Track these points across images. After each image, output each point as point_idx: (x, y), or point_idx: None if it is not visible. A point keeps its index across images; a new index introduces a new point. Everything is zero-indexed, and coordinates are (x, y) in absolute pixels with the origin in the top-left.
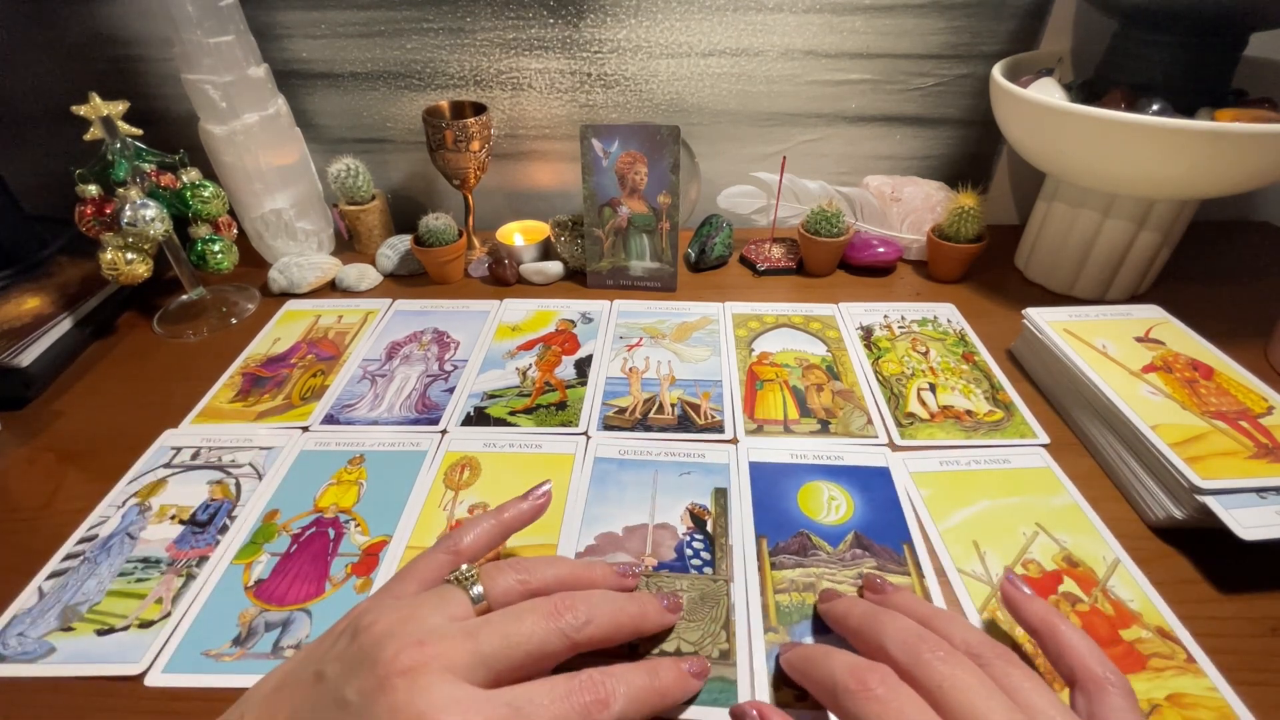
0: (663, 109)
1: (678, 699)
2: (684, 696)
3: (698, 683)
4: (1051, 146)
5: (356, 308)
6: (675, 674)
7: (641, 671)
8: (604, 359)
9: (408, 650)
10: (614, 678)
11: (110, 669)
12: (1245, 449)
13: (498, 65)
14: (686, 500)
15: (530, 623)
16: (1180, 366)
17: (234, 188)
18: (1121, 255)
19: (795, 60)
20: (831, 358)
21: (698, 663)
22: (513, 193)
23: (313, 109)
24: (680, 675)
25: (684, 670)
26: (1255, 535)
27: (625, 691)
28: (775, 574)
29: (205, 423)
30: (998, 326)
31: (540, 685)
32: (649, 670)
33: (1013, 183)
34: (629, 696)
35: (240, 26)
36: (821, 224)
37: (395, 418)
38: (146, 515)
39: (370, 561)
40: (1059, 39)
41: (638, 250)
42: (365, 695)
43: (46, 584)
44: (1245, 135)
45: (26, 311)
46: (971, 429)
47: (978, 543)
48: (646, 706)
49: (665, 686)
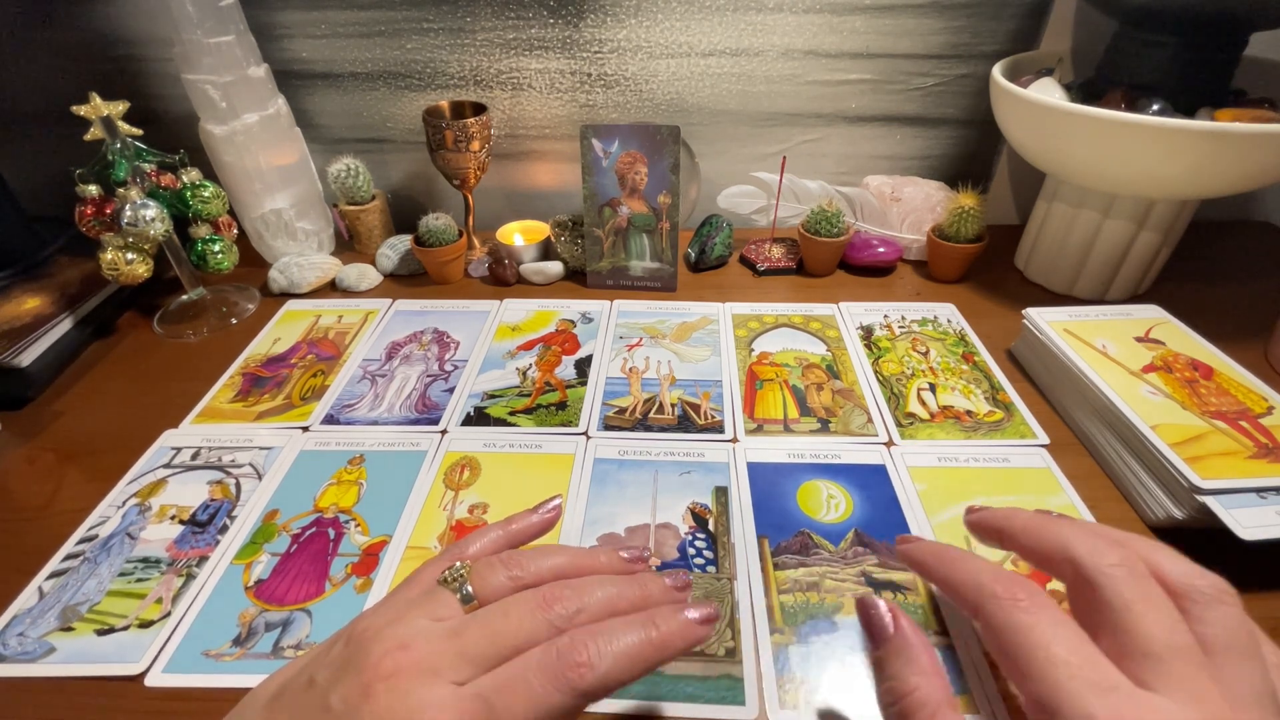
0: (663, 109)
1: (682, 649)
2: (689, 646)
3: (705, 629)
4: (1051, 146)
5: (356, 308)
6: (677, 623)
7: (635, 625)
8: (604, 359)
9: (390, 655)
10: (599, 636)
11: (110, 669)
12: (1245, 449)
13: (498, 65)
14: (687, 500)
15: (518, 617)
16: (1180, 366)
17: (234, 188)
18: (1121, 255)
19: (795, 60)
20: (831, 357)
21: (707, 607)
22: (513, 193)
23: (313, 109)
24: (684, 624)
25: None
26: (1255, 535)
27: (613, 650)
28: (778, 574)
29: (205, 423)
30: (998, 326)
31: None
32: (644, 622)
33: (1013, 183)
34: (617, 655)
35: (240, 26)
36: (821, 224)
37: (395, 418)
38: (146, 515)
39: (370, 561)
40: (1059, 39)
41: (638, 250)
42: (349, 702)
43: (46, 584)
44: (1245, 135)
45: (26, 311)
46: (971, 429)
47: (970, 539)
48: (641, 661)
49: (664, 638)
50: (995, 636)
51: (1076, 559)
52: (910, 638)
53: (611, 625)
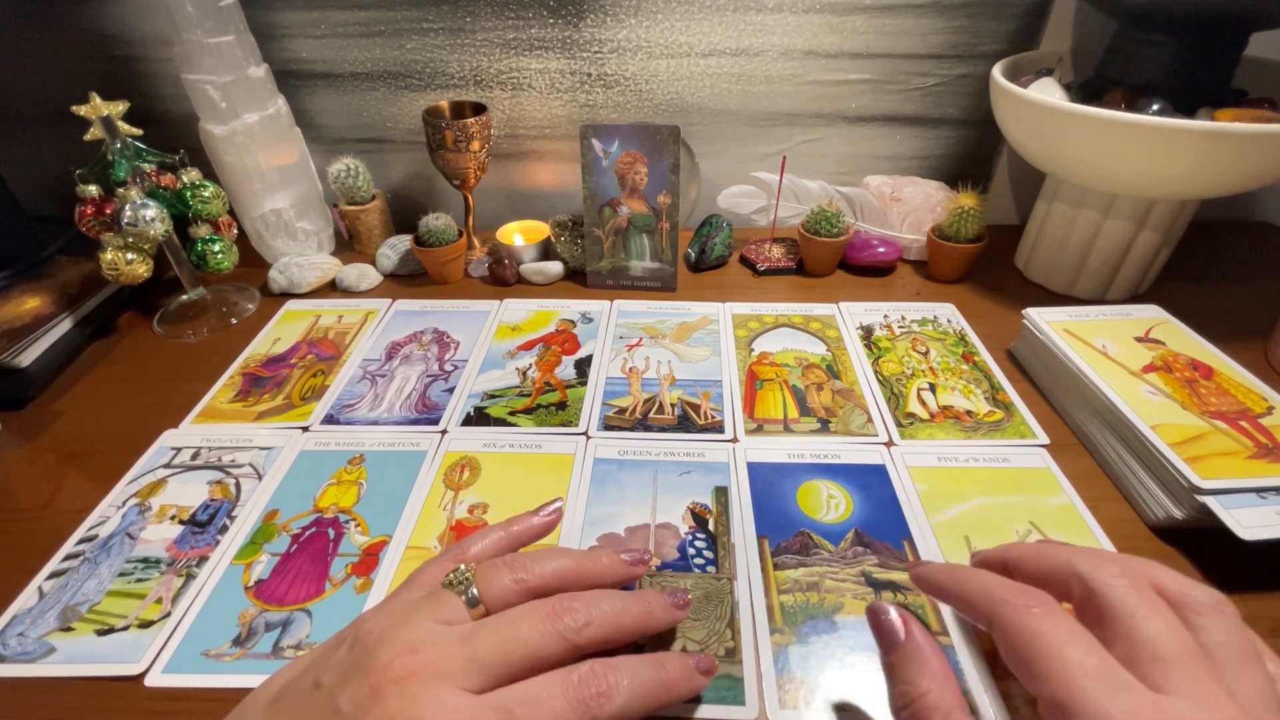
0: (663, 109)
1: (683, 694)
2: (690, 692)
3: (705, 679)
4: (1051, 146)
5: (356, 308)
6: (682, 668)
7: (647, 664)
8: (604, 359)
9: (400, 658)
10: (617, 670)
11: (110, 669)
12: (1245, 449)
13: (498, 65)
14: (687, 500)
15: (528, 626)
16: (1180, 366)
17: (234, 188)
18: (1121, 255)
19: (795, 60)
20: (831, 357)
21: (705, 659)
22: (513, 193)
23: (313, 109)
24: (687, 669)
25: (691, 665)
26: (1255, 535)
27: (629, 684)
28: (778, 574)
29: (205, 423)
30: (998, 326)
31: (535, 682)
32: (655, 663)
33: (1013, 183)
34: (632, 689)
35: (240, 26)
36: (821, 224)
37: (395, 418)
38: (146, 515)
39: (370, 561)
40: (1059, 39)
41: (638, 250)
42: (358, 704)
43: (46, 584)
44: (1245, 135)
45: (26, 311)
46: (971, 429)
47: (969, 538)
48: (651, 700)
49: (671, 680)
50: (1010, 641)
51: (1081, 573)
52: (921, 643)
53: (627, 661)
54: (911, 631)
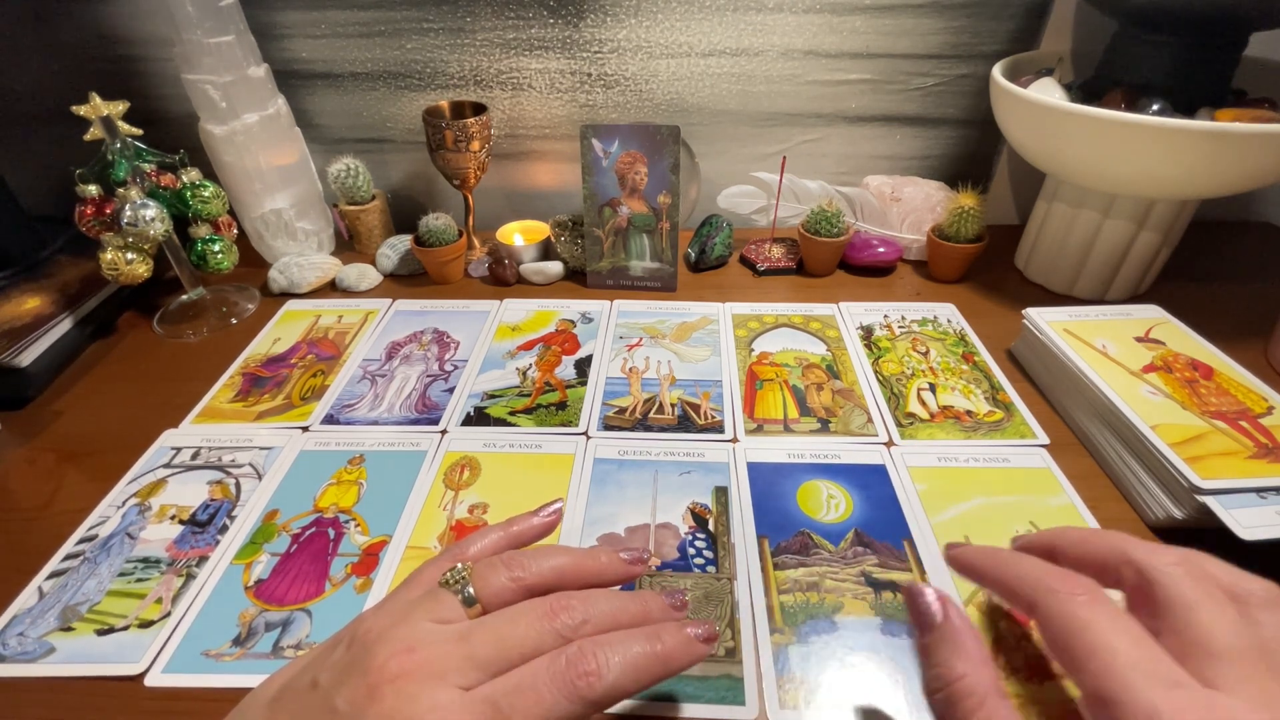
0: (663, 109)
1: (684, 665)
2: (691, 662)
3: (705, 647)
4: (1051, 146)
5: (356, 308)
6: (680, 639)
7: (640, 638)
8: (604, 359)
9: (396, 657)
10: (606, 647)
11: (110, 669)
12: (1245, 449)
13: (498, 65)
14: (687, 500)
15: (524, 624)
16: (1180, 366)
17: (234, 188)
18: (1121, 255)
19: (795, 60)
20: (831, 357)
21: (706, 626)
22: (513, 193)
23: (313, 109)
24: (685, 639)
25: (690, 634)
26: (1255, 535)
27: (620, 661)
28: (778, 574)
29: (205, 423)
30: (998, 326)
31: (522, 670)
32: (649, 636)
33: (1013, 183)
34: (624, 666)
35: (240, 26)
36: (821, 224)
37: (395, 418)
38: (146, 515)
39: (370, 561)
40: (1059, 39)
41: (638, 250)
42: (354, 704)
43: (46, 584)
44: (1245, 135)
45: (26, 311)
46: (971, 429)
47: (969, 538)
48: (647, 674)
49: (668, 652)
50: (1053, 630)
51: (1136, 560)
52: (959, 626)
53: (619, 636)
54: (949, 614)
